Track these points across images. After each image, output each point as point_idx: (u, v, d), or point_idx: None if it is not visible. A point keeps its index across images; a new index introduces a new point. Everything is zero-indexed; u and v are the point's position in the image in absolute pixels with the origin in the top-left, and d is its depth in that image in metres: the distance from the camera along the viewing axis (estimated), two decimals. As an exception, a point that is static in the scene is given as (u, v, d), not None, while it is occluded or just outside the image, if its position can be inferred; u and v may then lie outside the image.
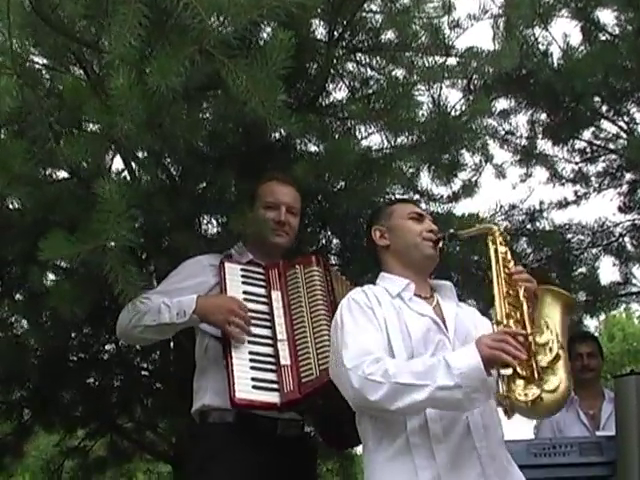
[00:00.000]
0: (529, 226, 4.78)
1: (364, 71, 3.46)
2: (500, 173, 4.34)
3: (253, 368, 2.51)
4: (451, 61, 3.32)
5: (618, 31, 4.52)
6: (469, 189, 4.04)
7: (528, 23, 4.16)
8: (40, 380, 4.38)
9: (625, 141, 4.86)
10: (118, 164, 3.61)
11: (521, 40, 4.06)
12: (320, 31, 3.22)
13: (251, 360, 2.52)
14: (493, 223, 2.37)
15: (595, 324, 11.68)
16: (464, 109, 3.47)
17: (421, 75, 3.28)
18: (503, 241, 2.27)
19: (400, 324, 2.15)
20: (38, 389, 4.49)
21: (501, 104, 4.62)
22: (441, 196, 3.97)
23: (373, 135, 3.38)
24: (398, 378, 1.96)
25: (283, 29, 2.34)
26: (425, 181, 3.78)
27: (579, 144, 5.11)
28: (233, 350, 2.52)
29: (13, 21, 2.38)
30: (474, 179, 4.09)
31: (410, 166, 3.50)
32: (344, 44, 3.29)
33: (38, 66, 3.04)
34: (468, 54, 3.29)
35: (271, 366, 2.53)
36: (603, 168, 5.20)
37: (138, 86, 2.26)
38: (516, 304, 2.11)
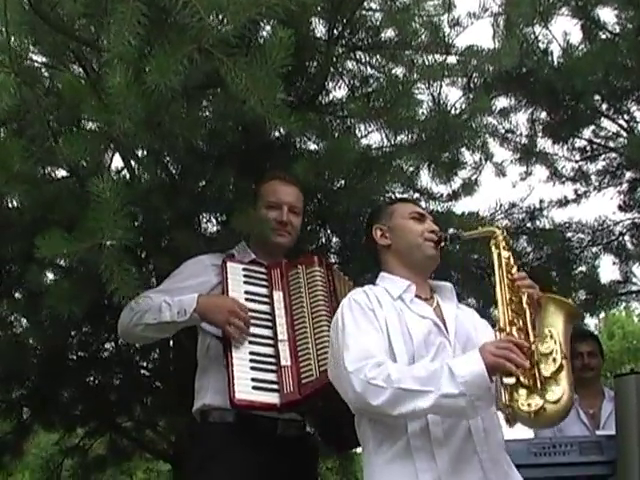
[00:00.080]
0: (529, 225, 4.76)
1: (364, 69, 3.45)
2: (500, 171, 4.32)
3: (253, 368, 2.50)
4: (451, 59, 3.33)
5: (618, 29, 4.52)
6: (469, 187, 4.03)
7: (528, 21, 4.14)
8: (39, 379, 4.38)
9: (625, 139, 4.85)
10: (118, 163, 3.61)
11: (521, 38, 4.04)
12: (320, 29, 3.22)
13: (251, 360, 2.52)
14: (496, 226, 2.35)
15: (595, 322, 11.71)
16: (464, 107, 3.46)
17: (421, 73, 3.27)
18: (506, 245, 2.25)
19: (401, 326, 2.13)
20: (37, 388, 4.48)
21: (501, 102, 4.60)
22: (441, 194, 3.97)
23: (373, 133, 3.38)
24: (401, 383, 1.94)
25: (282, 27, 2.34)
26: (425, 179, 3.78)
27: (579, 142, 5.10)
28: (233, 350, 2.52)
29: (11, 18, 2.37)
30: (474, 177, 4.09)
31: (410, 164, 3.49)
32: (344, 42, 3.29)
33: (37, 64, 3.03)
34: (468, 52, 3.29)
35: (271, 366, 2.53)
36: (603, 166, 5.19)
37: (135, 84, 2.26)
38: (519, 311, 2.09)
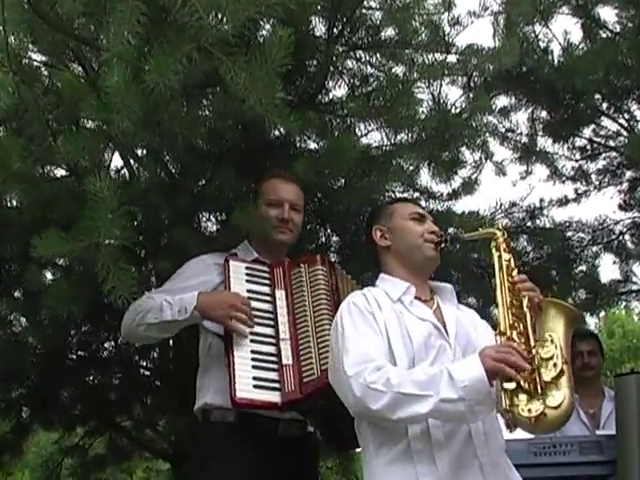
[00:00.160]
0: (529, 224, 4.75)
1: (364, 68, 3.44)
2: (500, 171, 4.31)
3: (255, 367, 2.50)
4: (451, 58, 3.33)
5: (619, 28, 4.52)
6: (469, 187, 4.02)
7: (528, 20, 4.14)
8: (39, 378, 4.37)
9: (625, 139, 4.85)
10: (117, 162, 3.60)
11: (521, 37, 4.03)
12: (319, 28, 3.21)
13: (253, 359, 2.51)
14: (496, 227, 2.34)
15: (595, 321, 11.71)
16: (464, 106, 3.46)
17: (421, 72, 3.26)
18: (507, 247, 2.23)
19: (401, 329, 2.12)
20: (37, 387, 4.47)
21: (501, 101, 4.60)
22: (441, 194, 3.96)
23: (373, 132, 3.38)
24: (400, 388, 1.93)
25: (282, 26, 2.33)
26: (425, 178, 3.77)
27: (579, 142, 5.10)
28: (235, 348, 2.51)
29: (10, 17, 2.37)
30: (474, 177, 4.07)
31: (410, 163, 3.48)
32: (344, 41, 3.28)
33: (36, 63, 3.03)
34: (468, 51, 3.29)
35: (273, 365, 2.52)
36: (603, 166, 5.19)
37: (135, 83, 2.25)
38: (520, 314, 2.08)
